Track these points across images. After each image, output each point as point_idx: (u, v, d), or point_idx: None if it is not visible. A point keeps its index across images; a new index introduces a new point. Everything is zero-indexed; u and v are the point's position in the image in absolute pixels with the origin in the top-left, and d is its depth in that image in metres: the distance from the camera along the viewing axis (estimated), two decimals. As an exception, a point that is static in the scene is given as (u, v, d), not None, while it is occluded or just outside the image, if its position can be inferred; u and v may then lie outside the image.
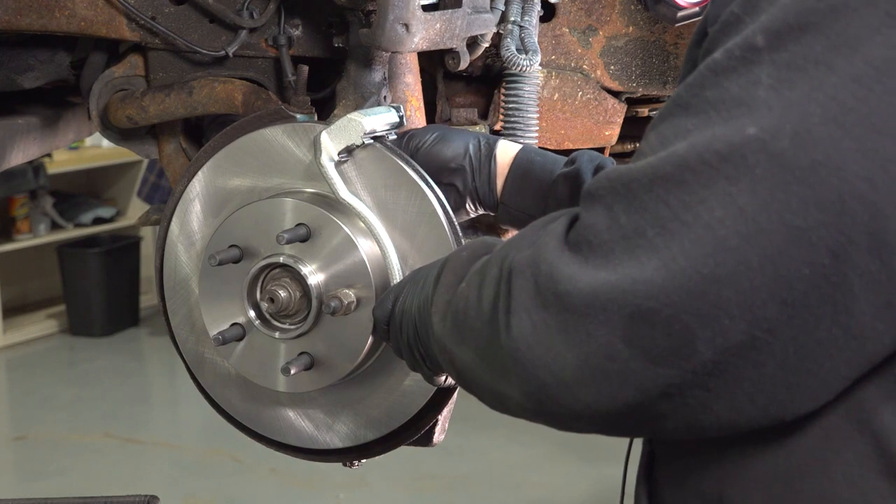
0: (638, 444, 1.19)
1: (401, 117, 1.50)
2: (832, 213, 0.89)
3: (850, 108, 0.89)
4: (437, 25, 1.51)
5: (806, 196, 0.89)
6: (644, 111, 2.05)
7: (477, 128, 1.81)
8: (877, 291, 0.90)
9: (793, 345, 0.91)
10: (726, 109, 0.93)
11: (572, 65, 1.82)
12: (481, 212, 1.56)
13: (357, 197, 1.46)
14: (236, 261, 1.48)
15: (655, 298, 0.92)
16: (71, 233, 7.14)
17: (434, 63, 1.79)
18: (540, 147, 1.77)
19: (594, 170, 1.51)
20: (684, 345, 0.92)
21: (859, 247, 0.89)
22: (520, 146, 1.55)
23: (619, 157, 2.11)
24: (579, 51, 1.82)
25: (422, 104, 1.69)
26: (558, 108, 1.83)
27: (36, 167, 6.51)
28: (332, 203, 1.46)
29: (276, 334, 1.49)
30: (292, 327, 1.48)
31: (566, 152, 1.91)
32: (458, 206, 1.54)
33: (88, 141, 6.91)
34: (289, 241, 1.44)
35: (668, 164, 0.94)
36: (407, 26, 1.46)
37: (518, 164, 1.53)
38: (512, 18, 1.66)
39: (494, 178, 1.53)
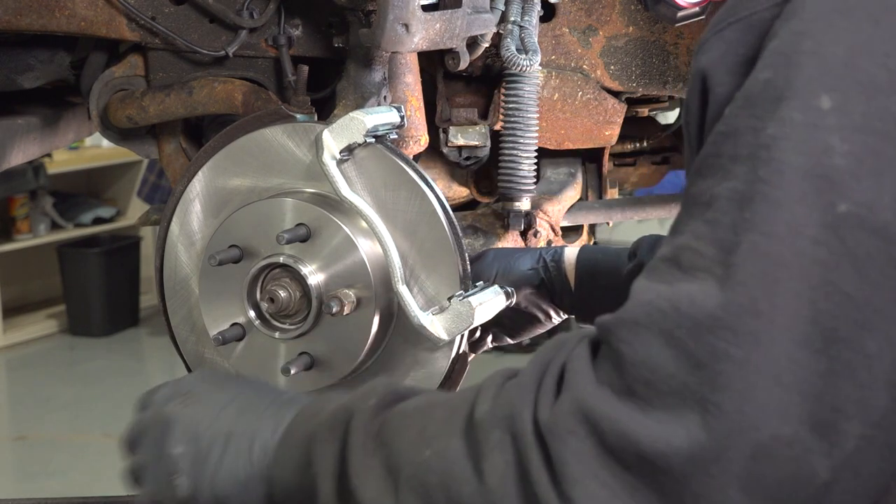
0: None
1: (402, 117, 1.50)
2: None
3: None
4: (437, 25, 1.51)
5: None
6: (644, 111, 2.05)
7: (477, 128, 1.81)
8: None
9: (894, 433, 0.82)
10: (795, 186, 0.81)
11: (572, 65, 1.82)
12: (562, 318, 1.58)
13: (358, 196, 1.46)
14: (236, 261, 1.48)
15: (779, 423, 0.79)
16: (71, 233, 7.13)
17: (434, 63, 1.79)
18: (540, 147, 1.78)
19: None
20: (804, 468, 0.80)
21: None
22: (577, 249, 1.55)
23: (618, 157, 2.11)
24: (579, 51, 1.81)
25: (422, 104, 1.69)
26: (558, 108, 1.83)
27: (36, 167, 6.51)
28: (332, 203, 1.46)
29: (276, 334, 1.49)
30: (292, 327, 1.48)
31: (566, 152, 1.92)
32: (533, 321, 1.55)
33: (88, 141, 6.90)
34: (289, 241, 1.44)
35: (748, 266, 0.82)
36: (407, 26, 1.46)
37: (582, 266, 1.53)
38: (512, 18, 1.66)
39: (569, 284, 1.54)
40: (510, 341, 1.62)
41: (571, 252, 1.55)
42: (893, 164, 0.81)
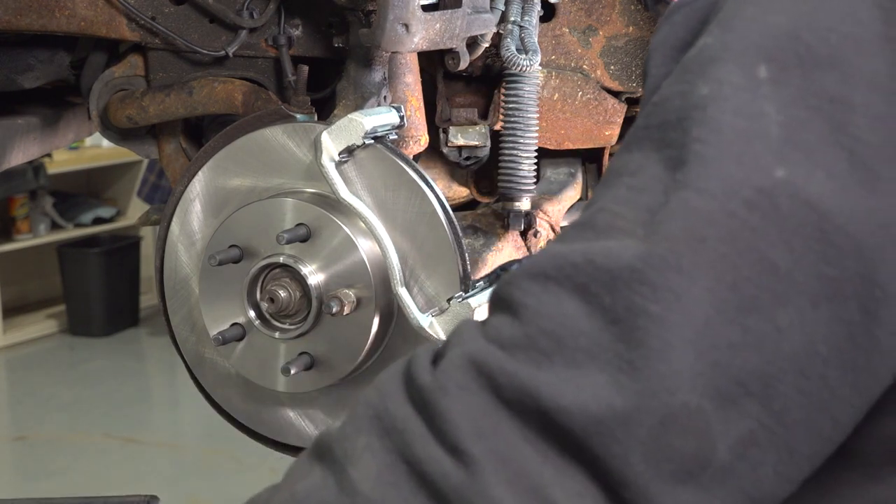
0: None
1: (401, 117, 1.50)
2: (869, 263, 0.76)
3: (878, 147, 0.77)
4: (437, 25, 1.51)
5: (842, 245, 0.76)
6: (644, 111, 2.05)
7: (477, 128, 1.81)
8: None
9: (803, 431, 0.76)
10: (730, 145, 0.78)
11: (572, 65, 1.82)
12: None
13: (357, 197, 1.46)
14: (236, 261, 1.48)
15: (689, 391, 0.73)
16: (71, 233, 7.13)
17: (434, 63, 1.79)
18: (540, 147, 1.78)
19: None
20: (705, 446, 0.74)
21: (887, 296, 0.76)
22: None
23: (619, 157, 2.11)
24: (579, 51, 1.81)
25: (422, 104, 1.69)
26: (558, 108, 1.83)
27: (36, 167, 6.51)
28: (332, 203, 1.46)
29: (276, 334, 1.49)
30: (292, 327, 1.48)
31: (566, 152, 1.92)
32: None
33: (88, 141, 6.90)
34: (289, 241, 1.44)
35: (677, 221, 0.77)
36: (407, 26, 1.46)
37: None
38: (512, 18, 1.66)
39: None
40: None
41: None
42: (825, 141, 0.77)
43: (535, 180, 1.78)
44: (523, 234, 1.81)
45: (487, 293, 1.46)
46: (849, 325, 0.76)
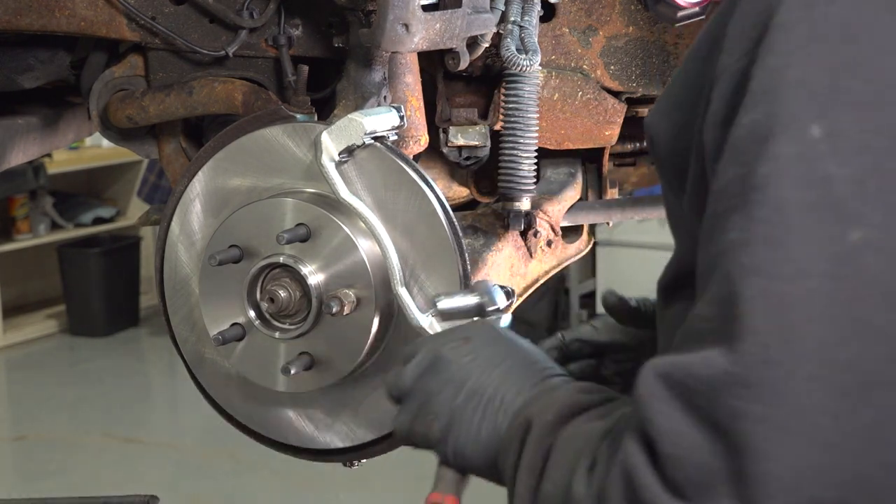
0: None
1: (401, 117, 1.50)
2: None
3: None
4: (437, 25, 1.51)
5: None
6: (644, 111, 2.05)
7: (477, 128, 1.81)
8: None
9: None
10: (795, 221, 0.74)
11: (572, 65, 1.82)
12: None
13: (357, 197, 1.46)
14: (236, 261, 1.48)
15: (816, 482, 0.71)
16: (71, 233, 7.13)
17: (434, 63, 1.79)
18: (540, 147, 1.77)
19: None
20: None
21: None
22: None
23: (619, 157, 2.11)
24: (579, 51, 1.81)
25: (422, 104, 1.69)
26: (558, 108, 1.83)
27: (36, 167, 6.51)
28: (332, 203, 1.46)
29: (276, 334, 1.49)
30: (292, 327, 1.48)
31: (566, 152, 1.92)
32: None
33: (88, 141, 6.90)
34: (289, 241, 1.44)
35: (756, 314, 0.75)
36: (407, 26, 1.46)
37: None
38: (512, 18, 1.66)
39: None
40: None
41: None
42: None
43: (535, 180, 1.78)
44: (523, 234, 1.81)
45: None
46: None
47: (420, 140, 1.68)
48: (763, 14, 0.81)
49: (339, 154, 1.45)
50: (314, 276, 1.45)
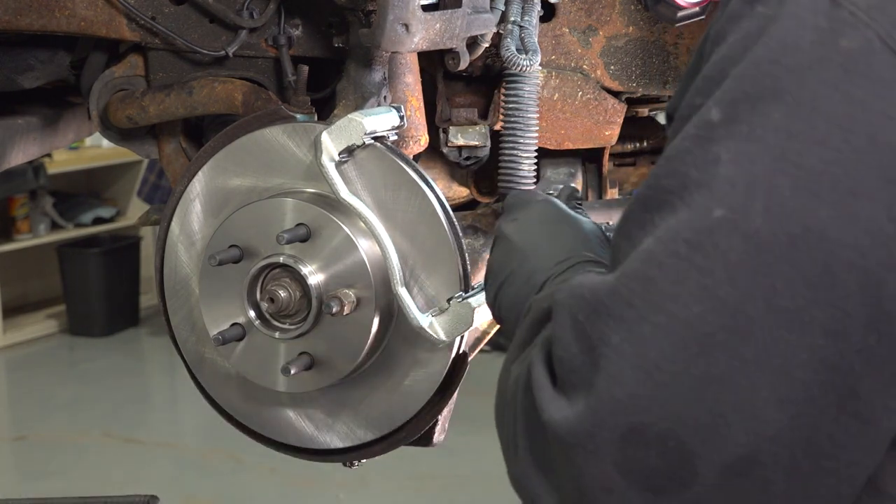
0: None
1: (401, 117, 1.50)
2: (822, 288, 0.81)
3: (821, 173, 0.82)
4: (437, 25, 1.51)
5: (790, 274, 0.82)
6: (644, 111, 2.05)
7: (477, 128, 1.81)
8: (880, 366, 0.82)
9: (801, 448, 0.82)
10: (688, 194, 0.85)
11: (572, 65, 1.82)
12: None
13: (357, 197, 1.46)
14: (236, 261, 1.48)
15: (646, 411, 0.83)
16: (71, 233, 7.13)
17: (434, 63, 1.79)
18: (540, 147, 1.77)
19: None
20: (683, 466, 0.83)
21: (855, 321, 0.81)
22: None
23: (618, 156, 2.11)
24: (579, 51, 1.81)
25: (422, 104, 1.69)
26: (558, 108, 1.83)
27: (36, 167, 6.51)
28: (332, 203, 1.46)
29: (276, 334, 1.49)
30: (292, 327, 1.48)
31: (566, 152, 1.92)
32: None
33: (88, 141, 6.90)
34: (289, 241, 1.44)
35: (634, 262, 0.87)
36: (407, 26, 1.46)
37: None
38: (512, 18, 1.66)
39: None
40: None
41: None
42: (767, 170, 0.83)
43: (535, 180, 1.78)
44: (523, 234, 1.81)
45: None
46: (818, 350, 0.82)
47: (420, 140, 1.68)
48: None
49: (339, 154, 1.45)
50: (314, 276, 1.45)
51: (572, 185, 1.39)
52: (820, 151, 0.83)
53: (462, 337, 1.47)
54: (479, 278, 1.67)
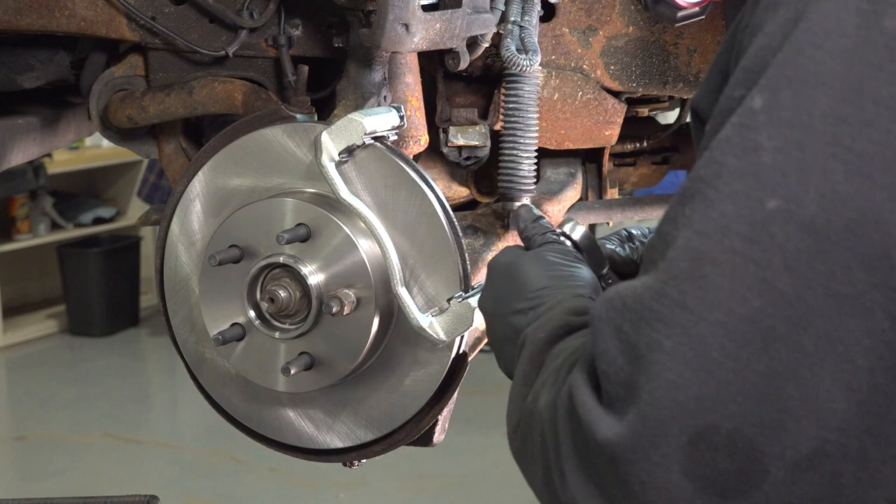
0: None
1: (401, 117, 1.50)
2: (881, 271, 0.80)
3: (872, 156, 0.81)
4: (437, 25, 1.51)
5: (848, 260, 0.80)
6: (644, 111, 2.05)
7: (477, 128, 1.81)
8: None
9: (869, 437, 0.81)
10: (723, 183, 0.84)
11: (572, 65, 1.82)
12: None
13: (357, 197, 1.46)
14: (236, 261, 1.48)
15: (711, 412, 0.81)
16: (71, 233, 7.13)
17: (434, 63, 1.79)
18: (540, 147, 1.77)
19: None
20: (753, 466, 0.81)
21: None
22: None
23: (618, 156, 2.11)
24: (579, 51, 1.81)
25: (422, 104, 1.69)
26: (558, 108, 1.83)
27: (36, 167, 6.51)
28: (332, 203, 1.46)
29: (277, 334, 1.49)
30: (292, 327, 1.48)
31: (566, 152, 1.92)
32: None
33: (88, 141, 6.90)
34: (289, 241, 1.44)
35: (680, 262, 0.84)
36: (407, 26, 1.46)
37: None
38: (512, 18, 1.66)
39: None
40: None
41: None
42: (818, 157, 0.82)
43: (535, 180, 1.78)
44: (523, 234, 1.81)
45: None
46: (881, 334, 0.80)
47: (420, 140, 1.68)
48: None
49: (339, 154, 1.45)
50: (314, 276, 1.45)
51: (583, 228, 1.37)
52: (870, 133, 0.82)
53: (462, 337, 1.47)
54: (479, 278, 1.68)
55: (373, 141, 1.45)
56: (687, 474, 0.82)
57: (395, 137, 1.51)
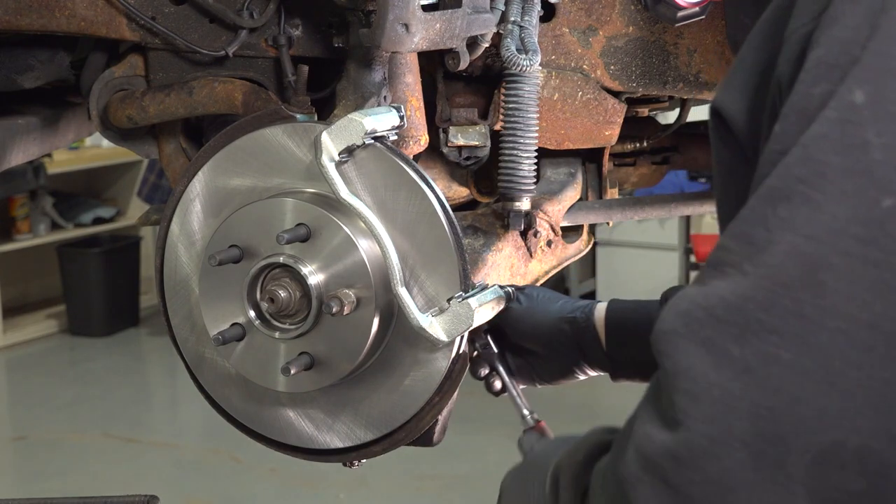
0: None
1: (401, 117, 1.50)
2: None
3: None
4: (437, 25, 1.51)
5: None
6: (644, 111, 2.05)
7: (477, 128, 1.81)
8: None
9: None
10: (827, 183, 0.78)
11: (572, 65, 1.82)
12: (596, 374, 1.54)
13: (357, 197, 1.46)
14: (236, 261, 1.48)
15: (836, 427, 0.75)
16: (71, 233, 7.14)
17: (434, 63, 1.79)
18: (540, 147, 1.78)
19: None
20: (884, 484, 0.76)
21: None
22: (605, 304, 1.51)
23: (618, 156, 2.11)
24: (579, 51, 1.81)
25: (422, 104, 1.69)
26: (558, 108, 1.83)
27: (36, 167, 6.51)
28: (332, 203, 1.46)
29: (276, 334, 1.49)
30: (292, 327, 1.48)
31: (566, 152, 1.92)
32: (565, 373, 1.52)
33: (88, 141, 6.91)
34: (289, 241, 1.44)
35: (789, 269, 0.79)
36: (407, 26, 1.46)
37: (611, 319, 1.48)
38: (512, 18, 1.66)
39: (600, 341, 1.49)
40: (539, 385, 1.58)
41: (602, 307, 1.51)
42: None
43: (535, 180, 1.78)
44: (523, 234, 1.81)
45: (488, 292, 1.47)
46: None
47: (420, 140, 1.68)
48: None
49: (339, 154, 1.45)
50: (314, 276, 1.45)
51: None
52: None
53: (462, 337, 1.47)
54: (479, 278, 1.68)
55: (373, 141, 1.45)
56: (814, 498, 0.76)
57: (395, 137, 1.51)
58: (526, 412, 1.49)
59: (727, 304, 0.80)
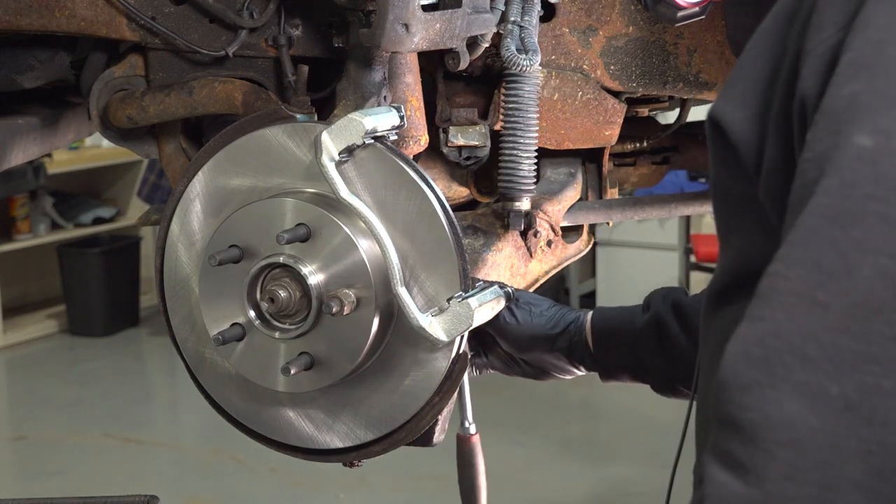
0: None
1: (401, 117, 1.50)
2: None
3: None
4: (437, 25, 1.51)
5: None
6: (644, 111, 2.05)
7: (477, 128, 1.81)
8: None
9: None
10: None
11: (572, 65, 1.82)
12: (585, 373, 1.62)
13: (357, 197, 1.46)
14: (236, 261, 1.48)
15: None
16: (71, 233, 7.14)
17: (434, 63, 1.79)
18: (540, 147, 1.78)
19: (672, 307, 1.50)
20: None
21: None
22: (591, 312, 1.59)
23: (618, 156, 2.11)
24: (579, 51, 1.81)
25: (422, 104, 1.69)
26: (558, 108, 1.83)
27: (36, 167, 6.51)
28: (332, 203, 1.46)
29: (276, 334, 1.49)
30: (292, 327, 1.48)
31: (566, 152, 1.92)
32: (555, 373, 1.60)
33: (88, 141, 6.91)
34: (289, 241, 1.44)
35: (881, 292, 0.74)
36: (407, 26, 1.46)
37: (597, 328, 1.56)
38: (512, 18, 1.66)
39: (589, 346, 1.57)
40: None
41: (588, 316, 1.59)
42: None
43: (535, 180, 1.78)
44: (523, 234, 1.81)
45: (488, 292, 1.48)
46: None
47: (420, 140, 1.68)
48: None
49: (339, 154, 1.45)
50: (314, 276, 1.45)
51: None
52: None
53: (462, 337, 1.47)
54: (478, 278, 1.68)
55: (373, 141, 1.45)
56: None
57: (395, 137, 1.51)
58: (468, 423, 1.63)
59: (817, 341, 0.75)
